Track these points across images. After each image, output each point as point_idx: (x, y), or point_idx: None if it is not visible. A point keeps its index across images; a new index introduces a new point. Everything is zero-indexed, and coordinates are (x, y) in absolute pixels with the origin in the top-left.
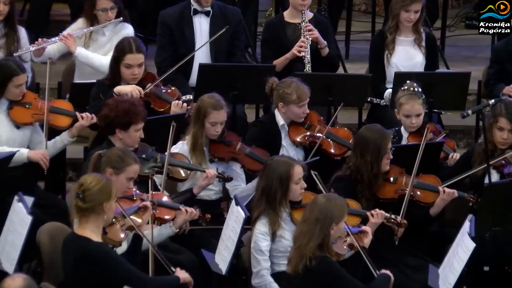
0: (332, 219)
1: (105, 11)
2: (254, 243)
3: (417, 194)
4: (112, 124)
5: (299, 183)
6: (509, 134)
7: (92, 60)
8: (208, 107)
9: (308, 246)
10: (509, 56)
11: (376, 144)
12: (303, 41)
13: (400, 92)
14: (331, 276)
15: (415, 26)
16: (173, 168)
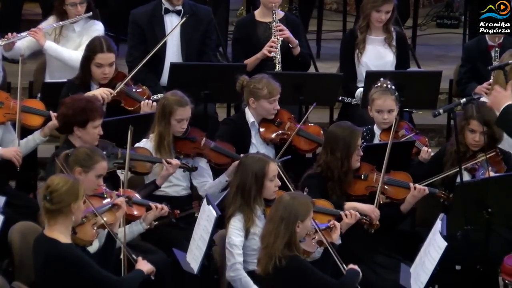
0: (297, 217)
1: (74, 5)
2: (228, 238)
3: (388, 190)
4: (70, 122)
5: (273, 181)
6: (480, 136)
7: (61, 53)
8: (173, 104)
9: (275, 245)
10: (480, 55)
11: (346, 141)
12: (273, 41)
13: (373, 89)
14: (302, 274)
15: (386, 25)
16: (135, 162)
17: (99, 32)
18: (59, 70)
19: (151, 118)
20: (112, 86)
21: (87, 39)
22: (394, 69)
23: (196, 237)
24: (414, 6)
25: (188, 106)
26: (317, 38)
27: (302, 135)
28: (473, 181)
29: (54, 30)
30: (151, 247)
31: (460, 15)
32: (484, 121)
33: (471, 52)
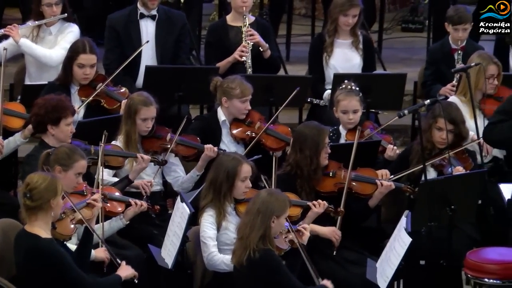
0: (273, 212)
1: (50, 6)
2: (202, 231)
3: (356, 186)
4: (43, 121)
5: (244, 181)
6: (448, 134)
7: (35, 50)
8: (138, 104)
9: (251, 237)
10: (444, 57)
11: (314, 140)
12: (244, 46)
13: (338, 91)
14: (273, 269)
15: (353, 29)
16: (108, 157)
17: (74, 34)
18: (35, 69)
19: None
20: (92, 87)
21: (62, 38)
22: (361, 72)
23: (171, 234)
24: (380, 11)
25: (152, 106)
26: (286, 42)
27: (271, 134)
28: (437, 179)
29: (31, 31)
30: (127, 243)
31: (424, 20)
32: (450, 120)
33: (435, 55)
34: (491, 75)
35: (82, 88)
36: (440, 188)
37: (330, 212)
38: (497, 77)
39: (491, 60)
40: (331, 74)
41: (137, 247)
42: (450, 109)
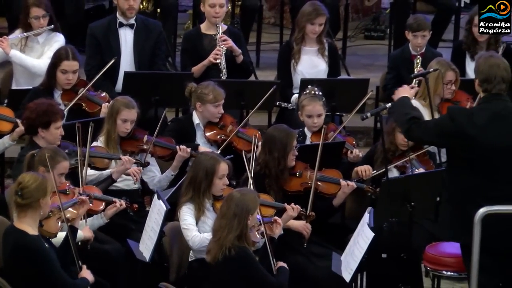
0: (248, 212)
1: (37, 18)
2: (182, 220)
3: (321, 186)
4: (34, 124)
5: (222, 179)
6: None
7: (25, 61)
8: (120, 105)
9: (228, 238)
10: (404, 63)
11: (283, 142)
12: (218, 50)
13: (303, 96)
14: (247, 265)
15: (319, 37)
16: (94, 159)
17: (60, 43)
18: (24, 78)
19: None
20: (74, 92)
21: (49, 49)
22: (326, 77)
23: (148, 229)
24: (344, 20)
25: (134, 109)
26: (256, 49)
27: (241, 137)
28: (398, 177)
29: (20, 41)
30: (107, 237)
31: (385, 28)
32: None
33: (396, 61)
34: (449, 80)
35: (64, 93)
36: (401, 186)
37: (302, 215)
38: (455, 83)
39: (449, 67)
40: (299, 79)
41: (116, 242)
42: None
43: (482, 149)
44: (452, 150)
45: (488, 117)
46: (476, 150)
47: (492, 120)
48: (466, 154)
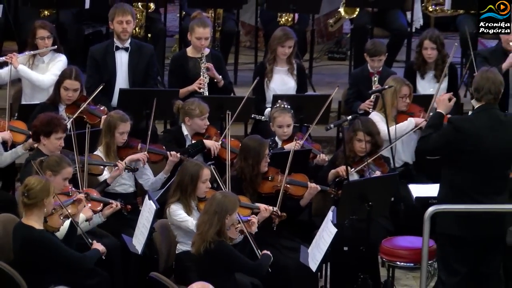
0: (227, 211)
1: (43, 39)
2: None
3: (290, 189)
4: (37, 132)
5: (205, 183)
6: (366, 144)
7: (31, 75)
8: (116, 120)
9: (209, 233)
10: (364, 80)
11: (256, 151)
12: (201, 80)
13: (274, 109)
14: (226, 255)
15: (289, 58)
16: (91, 166)
17: (62, 62)
18: (30, 91)
19: None
20: (77, 106)
21: (52, 66)
22: (295, 93)
23: (140, 225)
24: (310, 43)
25: (128, 122)
26: (234, 69)
27: (224, 147)
28: (357, 180)
29: (28, 60)
30: (105, 233)
31: (346, 50)
32: (368, 132)
33: (356, 78)
34: (404, 94)
35: (68, 107)
36: (360, 188)
37: (275, 216)
38: (409, 97)
39: (403, 83)
40: (271, 95)
41: (113, 237)
42: (367, 124)
43: (482, 151)
44: (452, 154)
45: (485, 123)
46: (476, 152)
47: (489, 125)
48: (466, 156)
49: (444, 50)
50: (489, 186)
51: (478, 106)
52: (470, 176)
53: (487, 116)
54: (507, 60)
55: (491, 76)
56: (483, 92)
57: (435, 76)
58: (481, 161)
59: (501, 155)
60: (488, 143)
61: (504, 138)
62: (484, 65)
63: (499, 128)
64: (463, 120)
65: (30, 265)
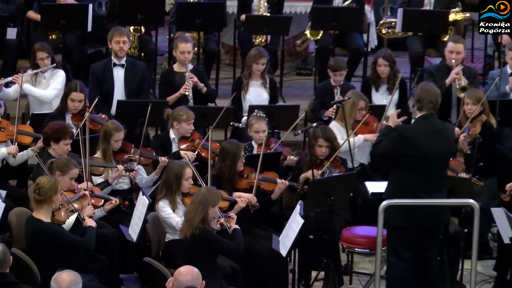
0: (210, 203)
1: (42, 59)
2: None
3: (263, 185)
4: (48, 138)
5: (188, 180)
6: (326, 149)
7: (34, 92)
8: (112, 130)
9: (194, 220)
10: (327, 92)
11: (233, 153)
12: (187, 85)
13: (251, 117)
14: (209, 239)
15: (262, 74)
16: (93, 167)
17: (61, 77)
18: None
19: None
20: (81, 115)
21: (53, 82)
22: (268, 104)
23: (135, 217)
24: (281, 61)
25: (122, 131)
26: (216, 83)
27: (206, 148)
28: (320, 178)
29: (31, 77)
30: (106, 224)
31: (312, 67)
32: (326, 138)
33: (321, 90)
34: (361, 107)
35: (74, 116)
36: (323, 185)
37: (249, 205)
38: (365, 109)
39: (361, 97)
40: (247, 105)
41: (112, 227)
42: (326, 131)
43: (421, 154)
44: (398, 157)
45: (426, 130)
46: (417, 155)
47: (430, 132)
48: (409, 158)
49: (396, 66)
50: (428, 184)
51: (420, 115)
52: (412, 176)
53: (427, 124)
54: (450, 76)
55: (430, 89)
56: (425, 102)
57: (387, 89)
58: (421, 163)
59: (438, 158)
60: (427, 148)
61: (441, 144)
62: (430, 80)
63: (437, 134)
64: (406, 128)
65: (40, 252)
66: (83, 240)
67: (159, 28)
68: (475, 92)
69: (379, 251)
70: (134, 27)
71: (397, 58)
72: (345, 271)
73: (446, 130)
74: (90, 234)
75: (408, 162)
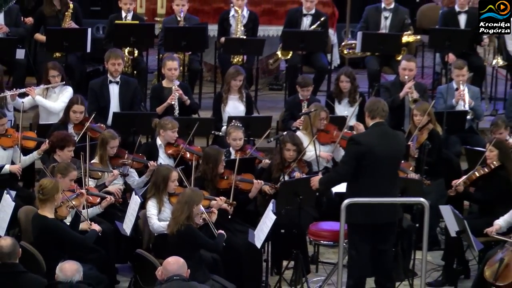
0: (194, 202)
1: (53, 77)
2: (148, 211)
3: (241, 185)
4: (54, 145)
5: (174, 182)
6: (293, 152)
7: (44, 103)
8: (108, 138)
9: (180, 217)
10: (296, 105)
11: (215, 157)
12: (173, 96)
13: (229, 126)
14: (192, 235)
15: (239, 89)
16: (92, 171)
17: (69, 93)
18: (47, 116)
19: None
20: (82, 125)
21: (61, 96)
22: (244, 115)
23: (129, 214)
24: (256, 77)
25: (117, 138)
26: (199, 97)
27: (190, 151)
28: (290, 180)
29: (43, 92)
30: (103, 220)
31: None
32: (294, 143)
33: (290, 104)
34: (322, 117)
35: (75, 126)
36: (293, 185)
37: (227, 203)
38: (326, 119)
39: (322, 108)
40: (226, 116)
41: (108, 223)
42: (293, 137)
43: (374, 157)
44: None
45: (379, 135)
46: (372, 159)
47: (382, 137)
48: (366, 162)
49: (356, 82)
50: (383, 184)
51: (372, 123)
52: (368, 177)
53: (378, 131)
54: (403, 90)
55: (380, 100)
56: (378, 111)
57: (348, 102)
58: (375, 165)
59: (390, 160)
60: (379, 152)
61: (392, 147)
62: (386, 94)
63: (388, 139)
64: (361, 135)
65: (46, 245)
66: (82, 237)
67: (149, 49)
68: (422, 104)
69: (342, 243)
70: (128, 50)
71: (357, 75)
72: (312, 260)
73: (396, 135)
74: (91, 234)
75: (364, 165)
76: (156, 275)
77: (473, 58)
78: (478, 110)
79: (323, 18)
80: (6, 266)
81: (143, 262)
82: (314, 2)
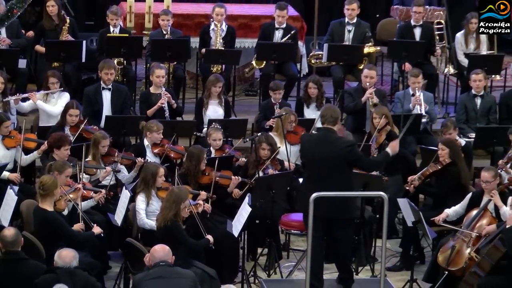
0: (181, 200)
1: (53, 84)
2: (137, 205)
3: (220, 180)
4: (51, 145)
5: (161, 177)
6: (268, 151)
7: (45, 107)
8: (100, 138)
9: (169, 215)
10: (268, 108)
11: (197, 156)
12: (163, 100)
13: (209, 128)
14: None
15: (219, 95)
16: (87, 168)
17: (67, 98)
18: (47, 119)
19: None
20: (77, 127)
21: (60, 101)
22: (223, 118)
23: (120, 206)
24: (233, 84)
25: (107, 138)
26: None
27: (174, 150)
28: (264, 176)
29: (43, 97)
30: (95, 212)
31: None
32: (268, 143)
33: (264, 107)
34: (291, 120)
35: (71, 128)
36: (267, 181)
37: (208, 197)
38: (295, 121)
39: (291, 112)
40: (207, 119)
41: (101, 214)
42: (267, 138)
43: (313, 158)
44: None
45: (318, 139)
46: (311, 159)
47: (320, 141)
48: (306, 161)
49: (322, 88)
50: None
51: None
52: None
53: (319, 136)
54: (365, 95)
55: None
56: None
57: (316, 106)
58: (315, 165)
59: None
60: (317, 154)
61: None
62: (349, 99)
63: (327, 144)
64: (305, 136)
65: (45, 235)
66: (76, 234)
67: (138, 59)
68: (381, 108)
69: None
70: (118, 60)
71: (324, 82)
72: (283, 248)
73: (336, 141)
74: (88, 234)
75: (307, 165)
76: (144, 261)
77: (427, 67)
78: (432, 114)
79: (293, 31)
80: (10, 253)
81: (133, 250)
82: (285, 17)
